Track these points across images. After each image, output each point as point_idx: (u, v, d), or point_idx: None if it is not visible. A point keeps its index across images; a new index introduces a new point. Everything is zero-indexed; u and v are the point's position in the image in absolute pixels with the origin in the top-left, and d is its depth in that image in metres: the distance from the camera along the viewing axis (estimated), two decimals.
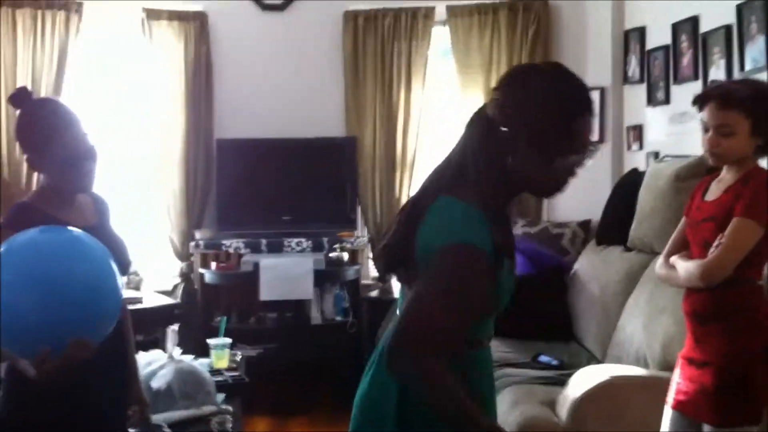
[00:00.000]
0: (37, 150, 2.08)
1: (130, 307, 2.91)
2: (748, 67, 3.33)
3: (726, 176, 2.37)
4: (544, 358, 3.62)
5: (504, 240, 1.63)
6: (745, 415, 2.23)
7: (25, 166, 4.57)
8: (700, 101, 2.34)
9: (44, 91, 4.58)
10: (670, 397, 2.42)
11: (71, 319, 1.77)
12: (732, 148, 2.28)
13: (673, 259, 2.44)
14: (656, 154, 4.18)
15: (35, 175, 4.58)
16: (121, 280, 1.95)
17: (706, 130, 2.32)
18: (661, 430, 2.45)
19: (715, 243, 2.24)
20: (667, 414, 2.43)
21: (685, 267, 2.34)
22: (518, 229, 4.75)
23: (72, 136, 2.07)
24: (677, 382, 2.41)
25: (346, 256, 4.83)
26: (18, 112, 2.12)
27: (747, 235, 2.20)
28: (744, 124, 2.25)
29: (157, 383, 3.17)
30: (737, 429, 2.24)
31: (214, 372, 3.61)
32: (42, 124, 2.08)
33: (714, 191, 2.39)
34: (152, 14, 4.93)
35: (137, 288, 4.61)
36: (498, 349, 3.83)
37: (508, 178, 1.60)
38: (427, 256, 1.55)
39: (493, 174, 1.59)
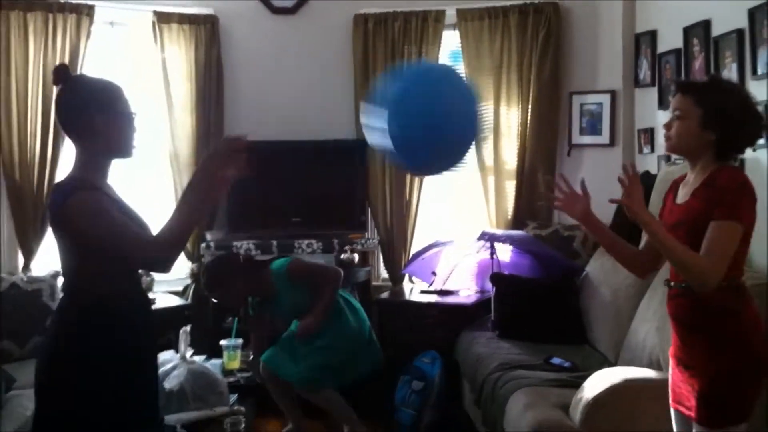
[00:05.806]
0: (97, 114, 2.13)
1: None
2: (760, 71, 3.32)
3: (690, 178, 2.35)
4: (556, 360, 3.62)
5: None
6: (733, 415, 2.23)
7: (37, 166, 4.60)
8: (672, 93, 2.37)
9: (56, 94, 4.58)
10: (670, 395, 2.43)
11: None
12: (680, 133, 2.29)
13: None
14: (668, 158, 4.17)
15: (46, 176, 4.61)
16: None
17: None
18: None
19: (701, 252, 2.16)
20: (671, 411, 2.44)
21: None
22: (529, 231, 4.75)
23: (125, 101, 2.20)
24: (672, 380, 2.41)
25: (356, 257, 4.84)
26: (58, 89, 2.20)
27: (731, 237, 2.14)
28: (694, 111, 2.26)
29: (169, 384, 3.19)
30: (726, 429, 2.22)
31: (227, 373, 3.63)
32: (101, 88, 2.19)
33: (682, 194, 2.38)
34: (163, 17, 4.96)
35: (149, 289, 4.61)
36: (510, 350, 3.84)
37: None
38: None
39: None
